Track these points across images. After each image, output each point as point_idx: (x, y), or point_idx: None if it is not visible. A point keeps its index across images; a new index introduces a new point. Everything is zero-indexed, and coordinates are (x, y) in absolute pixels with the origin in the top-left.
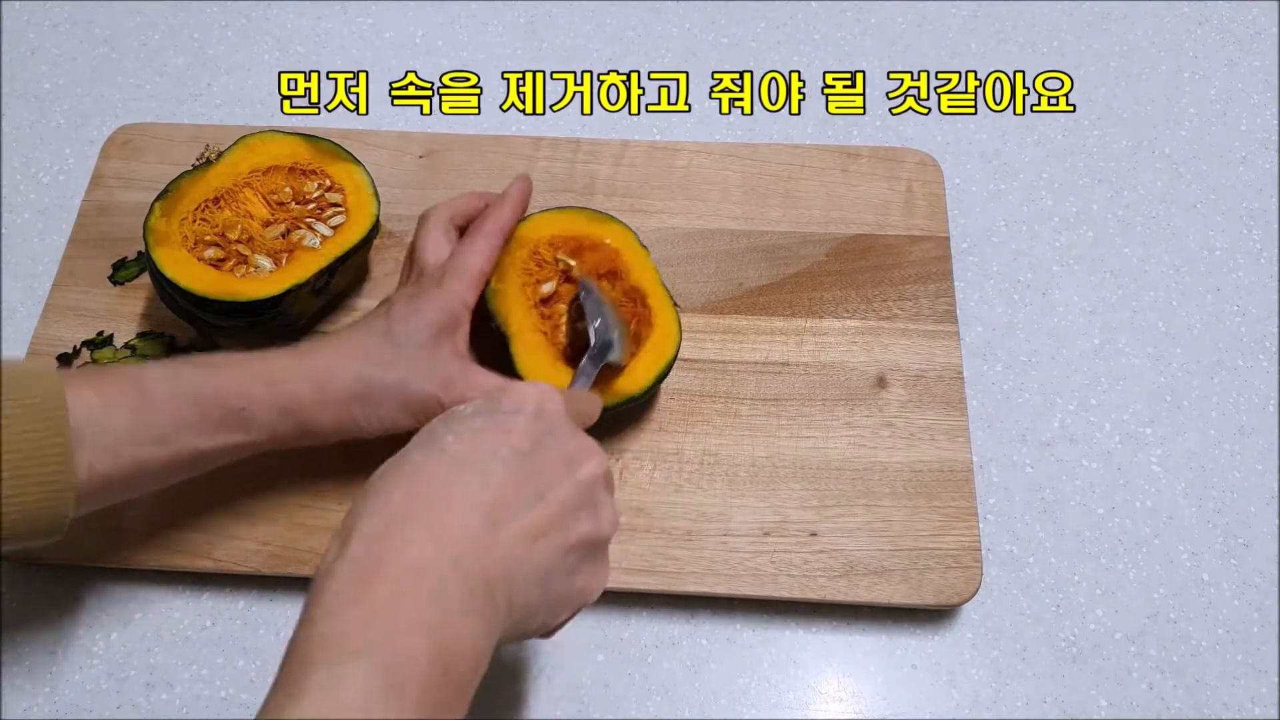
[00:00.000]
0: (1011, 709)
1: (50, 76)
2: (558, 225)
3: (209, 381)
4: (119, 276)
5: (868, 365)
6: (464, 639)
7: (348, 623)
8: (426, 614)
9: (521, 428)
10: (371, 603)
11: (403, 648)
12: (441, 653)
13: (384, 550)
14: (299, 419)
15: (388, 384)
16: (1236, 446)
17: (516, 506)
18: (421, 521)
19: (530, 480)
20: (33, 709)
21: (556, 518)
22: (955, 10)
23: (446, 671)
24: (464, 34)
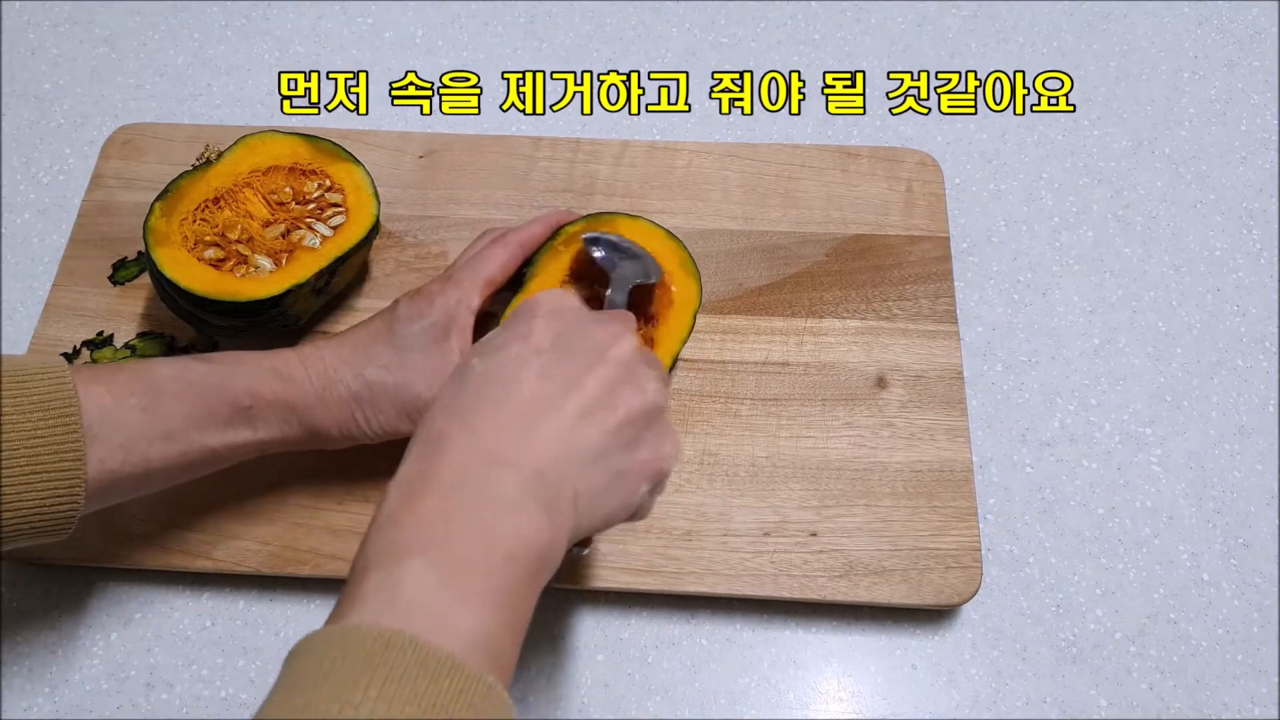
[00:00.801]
0: (1011, 709)
1: (50, 76)
2: None
3: (217, 379)
4: (119, 276)
5: (868, 365)
6: (520, 529)
7: (400, 529)
8: (477, 512)
9: (540, 329)
10: (422, 508)
11: (458, 542)
12: (500, 543)
13: (427, 466)
14: (303, 419)
15: (387, 387)
16: (1236, 446)
17: (551, 398)
18: (460, 435)
19: (559, 372)
20: (33, 709)
21: (597, 398)
22: (955, 10)
23: (510, 559)
24: (464, 34)
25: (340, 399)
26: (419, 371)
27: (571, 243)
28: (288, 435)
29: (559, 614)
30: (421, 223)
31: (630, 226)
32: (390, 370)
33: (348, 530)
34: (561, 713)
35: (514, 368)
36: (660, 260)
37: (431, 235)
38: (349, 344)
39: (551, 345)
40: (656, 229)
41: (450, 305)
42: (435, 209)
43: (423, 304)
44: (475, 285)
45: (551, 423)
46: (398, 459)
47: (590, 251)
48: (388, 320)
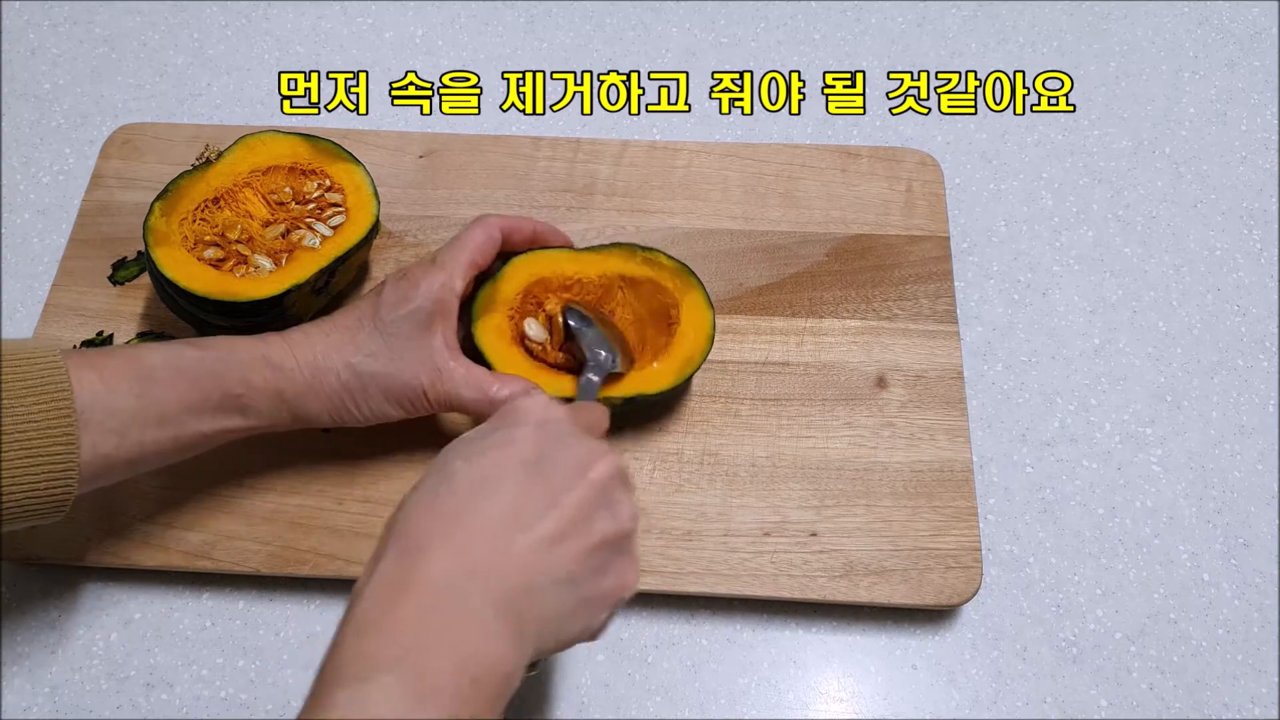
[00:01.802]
0: (1011, 709)
1: (50, 76)
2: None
3: (209, 366)
4: (119, 276)
5: (868, 365)
6: (491, 650)
7: (374, 641)
8: (451, 628)
9: (526, 439)
10: (396, 621)
11: (429, 662)
12: (468, 665)
13: (407, 572)
14: (292, 406)
15: (377, 376)
16: (1236, 446)
17: (531, 515)
18: (441, 543)
19: (541, 488)
20: (33, 709)
21: (573, 520)
22: (955, 10)
23: (476, 683)
24: (464, 34)
25: (330, 388)
26: (406, 359)
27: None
28: (277, 420)
29: None
30: (421, 223)
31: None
32: (378, 359)
33: (348, 530)
34: (561, 713)
35: (497, 478)
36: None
37: (431, 235)
38: (337, 331)
39: (535, 458)
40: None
41: (434, 290)
42: (435, 209)
43: (407, 289)
44: (459, 268)
45: (528, 540)
46: (397, 460)
47: (567, 322)
48: (373, 305)
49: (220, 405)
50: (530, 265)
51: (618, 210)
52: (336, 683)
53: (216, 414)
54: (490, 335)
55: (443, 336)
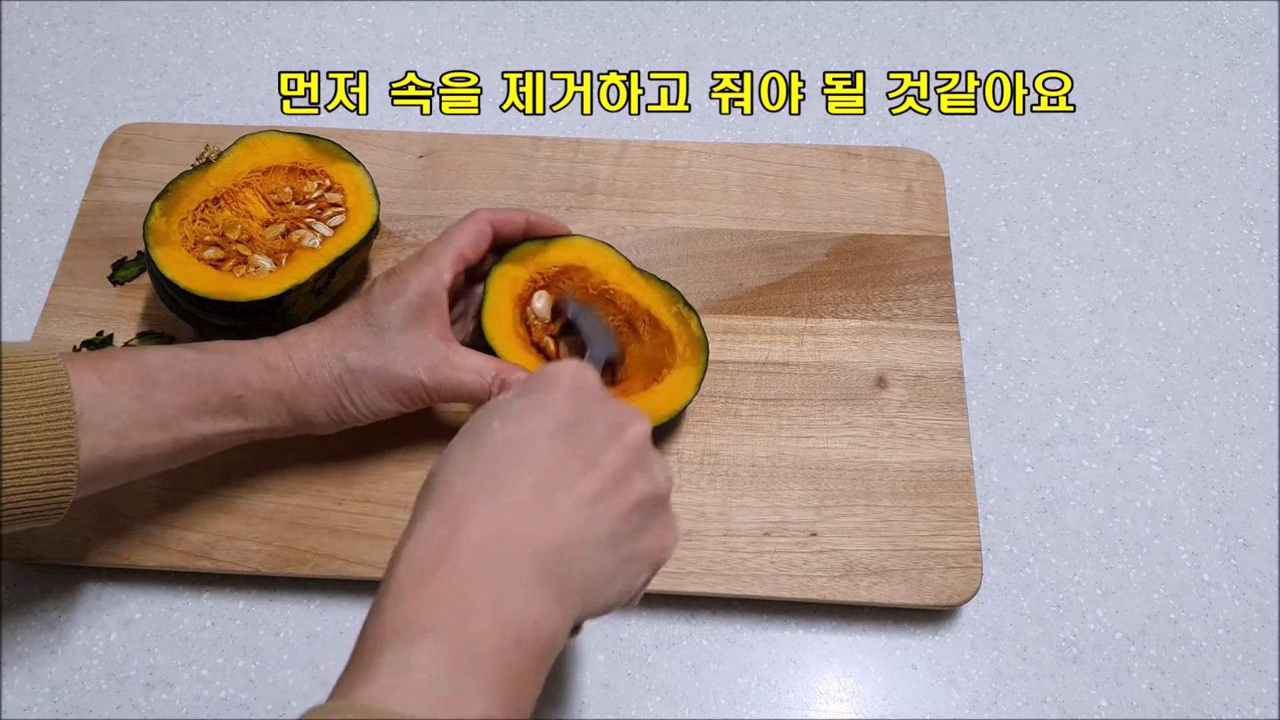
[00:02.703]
0: (1011, 709)
1: (50, 76)
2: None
3: (209, 369)
4: (119, 276)
5: (868, 365)
6: (533, 612)
7: (415, 606)
8: (491, 590)
9: (562, 402)
10: (436, 585)
11: (471, 624)
12: (511, 627)
13: (445, 535)
14: (291, 407)
15: (369, 370)
16: (1236, 446)
17: (569, 476)
18: (479, 505)
19: (578, 449)
20: (33, 709)
21: (612, 480)
22: (955, 10)
23: (519, 644)
24: (464, 34)
25: (324, 384)
26: (398, 351)
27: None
28: (277, 423)
29: None
30: (421, 223)
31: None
32: (370, 352)
33: (348, 530)
34: (561, 713)
35: (533, 440)
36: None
37: (431, 235)
38: (329, 329)
39: (572, 420)
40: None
41: (424, 282)
42: (435, 209)
43: (397, 283)
44: (447, 260)
45: (568, 501)
46: (397, 459)
47: (566, 311)
48: (364, 303)
49: (220, 408)
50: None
51: (618, 210)
52: (378, 647)
53: (216, 416)
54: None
55: (435, 327)
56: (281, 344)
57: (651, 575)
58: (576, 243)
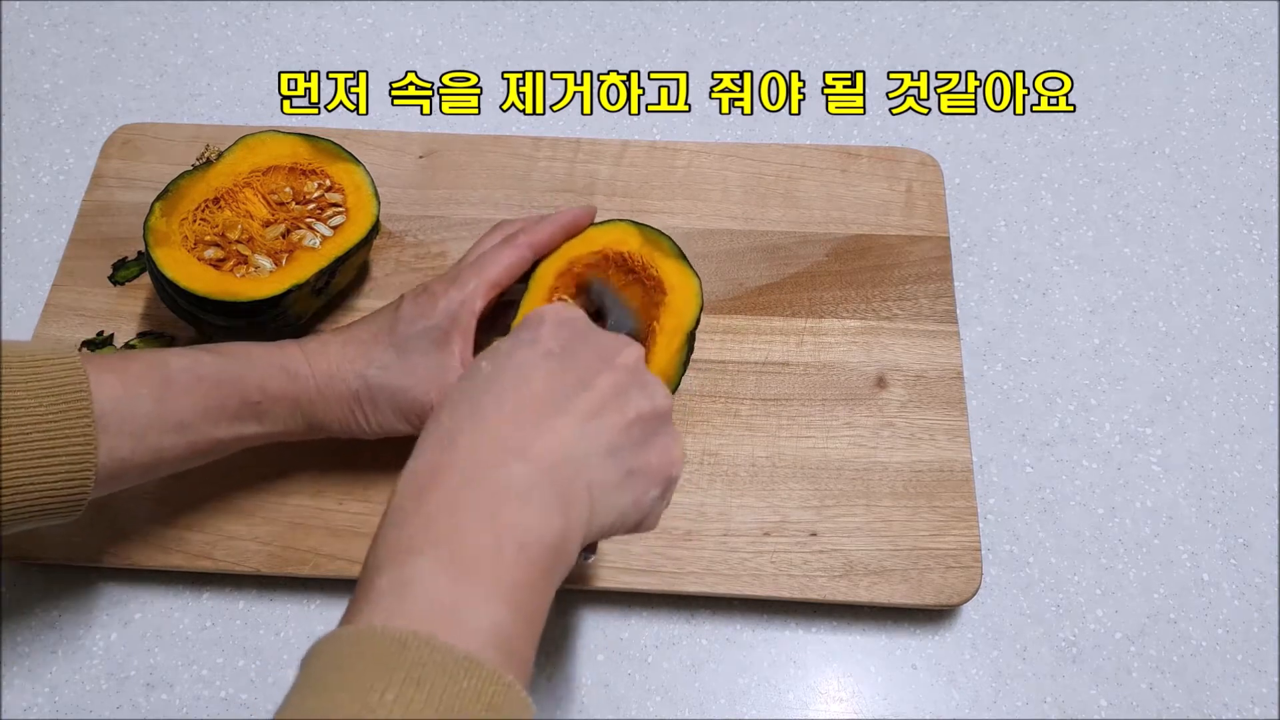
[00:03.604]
0: (1011, 709)
1: (50, 76)
2: None
3: (228, 372)
4: (119, 276)
5: (868, 365)
6: (533, 520)
7: (410, 527)
8: (485, 503)
9: (549, 334)
10: (431, 505)
11: (467, 536)
12: (510, 534)
13: (437, 462)
14: (307, 414)
15: (387, 389)
16: (1236, 446)
17: (562, 396)
18: (470, 432)
19: (569, 374)
20: (33, 709)
21: (607, 397)
22: (955, 10)
23: (522, 550)
24: (464, 34)
25: (341, 396)
26: (419, 375)
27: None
28: (292, 428)
29: (559, 614)
30: (421, 223)
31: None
32: (390, 372)
33: (348, 530)
34: (561, 713)
35: (524, 369)
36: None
37: (431, 235)
38: (353, 342)
39: (560, 349)
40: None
41: (453, 308)
42: (435, 209)
43: (426, 305)
44: (480, 288)
45: (563, 419)
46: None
47: (592, 288)
48: (391, 319)
49: (238, 412)
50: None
51: (618, 210)
52: (377, 570)
53: (234, 421)
54: None
55: (459, 354)
56: (302, 350)
57: (662, 494)
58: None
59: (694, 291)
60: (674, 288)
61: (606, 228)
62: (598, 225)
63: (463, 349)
